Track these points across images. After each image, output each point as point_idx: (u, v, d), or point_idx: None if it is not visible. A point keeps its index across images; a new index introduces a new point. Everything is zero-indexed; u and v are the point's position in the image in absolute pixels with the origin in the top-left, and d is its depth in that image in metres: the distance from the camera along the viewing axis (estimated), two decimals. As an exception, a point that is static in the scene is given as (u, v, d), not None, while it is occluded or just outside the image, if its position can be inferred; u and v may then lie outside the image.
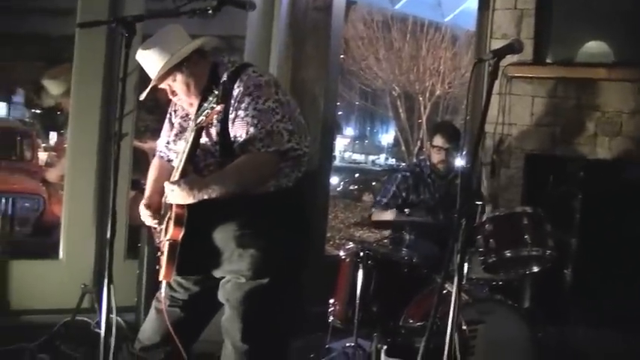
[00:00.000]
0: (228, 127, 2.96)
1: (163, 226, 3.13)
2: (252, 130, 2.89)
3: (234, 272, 3.05)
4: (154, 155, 3.48)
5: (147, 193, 3.29)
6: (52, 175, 8.30)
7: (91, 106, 4.79)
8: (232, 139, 2.96)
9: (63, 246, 4.86)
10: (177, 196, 2.84)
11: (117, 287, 2.61)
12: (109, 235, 2.58)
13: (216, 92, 2.74)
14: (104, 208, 4.76)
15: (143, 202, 3.23)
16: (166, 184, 2.86)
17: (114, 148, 2.65)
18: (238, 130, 2.93)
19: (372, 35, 19.50)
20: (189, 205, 2.90)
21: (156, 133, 3.51)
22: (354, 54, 19.74)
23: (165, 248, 2.99)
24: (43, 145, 13.91)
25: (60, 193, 6.97)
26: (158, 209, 3.22)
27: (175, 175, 2.91)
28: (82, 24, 3.42)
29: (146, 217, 3.21)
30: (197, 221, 2.94)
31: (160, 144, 3.40)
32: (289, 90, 5.34)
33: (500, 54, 2.72)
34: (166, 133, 3.36)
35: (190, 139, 2.87)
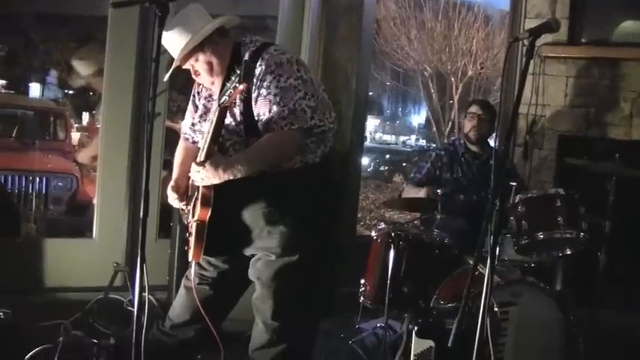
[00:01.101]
0: (251, 106, 2.97)
1: (191, 207, 3.15)
2: (275, 108, 2.89)
3: (264, 249, 3.06)
4: (183, 135, 3.50)
5: (174, 175, 3.31)
6: (83, 157, 8.38)
7: (123, 86, 4.81)
8: (256, 117, 2.96)
9: (96, 225, 4.90)
10: (203, 176, 2.85)
11: (149, 266, 2.63)
12: (141, 215, 2.59)
13: (239, 71, 2.74)
14: (137, 188, 4.79)
15: (170, 184, 3.25)
16: (192, 166, 2.87)
17: (146, 128, 2.66)
18: (261, 109, 2.93)
19: (404, 15, 19.35)
20: (215, 185, 2.91)
21: (188, 113, 3.52)
22: (385, 34, 19.61)
23: (193, 229, 3.01)
24: (76, 125, 14.03)
25: (92, 174, 7.05)
26: (185, 192, 3.23)
27: (201, 156, 2.93)
28: (116, 4, 3.41)
29: (173, 200, 3.23)
30: (224, 201, 2.95)
31: (185, 126, 3.41)
32: (321, 70, 5.33)
33: (536, 33, 2.67)
34: (191, 114, 3.37)
35: (214, 120, 2.87)
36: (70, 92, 17.06)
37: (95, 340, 4.09)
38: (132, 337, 2.63)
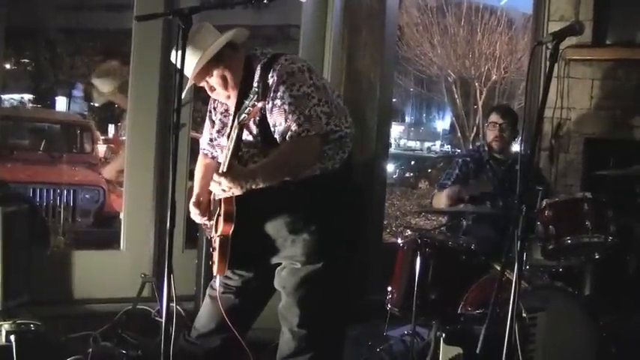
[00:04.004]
0: (266, 118, 2.98)
1: (213, 222, 3.16)
2: (290, 116, 2.90)
3: (288, 258, 3.06)
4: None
5: (195, 191, 3.32)
6: (108, 172, 8.46)
7: (148, 98, 4.85)
8: (272, 127, 2.97)
9: (123, 237, 4.94)
10: (224, 187, 2.85)
11: (176, 277, 2.64)
12: (168, 226, 2.61)
13: (257, 89, 2.75)
14: (163, 199, 4.82)
15: (192, 200, 3.26)
16: (214, 177, 2.88)
17: (171, 139, 2.68)
18: (277, 118, 2.94)
19: (427, 21, 19.33)
20: (237, 200, 2.91)
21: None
22: (408, 40, 19.60)
23: (217, 244, 3.02)
24: (102, 137, 14.17)
25: (118, 189, 7.11)
26: (207, 207, 3.25)
27: (222, 171, 2.93)
28: (140, 17, 3.46)
29: (195, 215, 3.25)
30: (246, 213, 2.96)
31: (203, 142, 3.43)
32: (345, 77, 5.34)
33: (560, 36, 2.66)
34: (208, 130, 3.39)
35: (234, 137, 2.88)
36: (96, 105, 17.24)
37: (124, 351, 4.12)
38: (159, 347, 2.65)
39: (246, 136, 3.02)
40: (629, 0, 5.67)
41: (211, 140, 3.37)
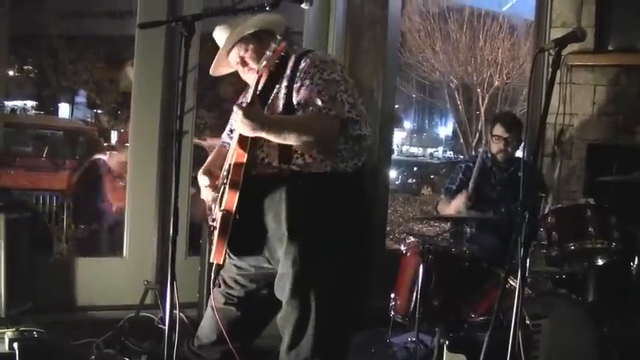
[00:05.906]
0: (292, 102, 3.00)
1: (217, 197, 3.11)
2: (316, 94, 2.93)
3: (285, 264, 3.00)
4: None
5: (206, 164, 3.32)
6: (112, 162, 8.42)
7: (151, 105, 4.84)
8: (296, 104, 2.98)
9: (126, 243, 4.93)
10: (241, 121, 2.80)
11: (179, 284, 2.64)
12: (171, 233, 2.61)
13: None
14: (166, 206, 4.82)
15: (202, 169, 3.26)
16: (234, 108, 2.84)
17: (174, 146, 2.68)
18: (303, 96, 2.96)
19: (429, 27, 19.34)
20: (243, 187, 2.90)
21: (215, 130, 3.54)
22: (410, 47, 19.61)
23: (218, 221, 2.97)
24: (105, 144, 14.19)
25: (121, 183, 7.10)
26: (215, 184, 3.21)
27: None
28: (143, 24, 3.46)
29: (205, 187, 3.22)
30: (250, 203, 2.94)
31: (224, 135, 3.45)
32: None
33: (562, 43, 2.66)
34: (230, 124, 3.38)
35: (254, 82, 2.95)
36: (99, 112, 17.29)
37: (127, 358, 4.12)
38: (163, 355, 2.65)
39: (271, 113, 3.03)
40: (630, 6, 5.66)
41: (231, 131, 3.34)
